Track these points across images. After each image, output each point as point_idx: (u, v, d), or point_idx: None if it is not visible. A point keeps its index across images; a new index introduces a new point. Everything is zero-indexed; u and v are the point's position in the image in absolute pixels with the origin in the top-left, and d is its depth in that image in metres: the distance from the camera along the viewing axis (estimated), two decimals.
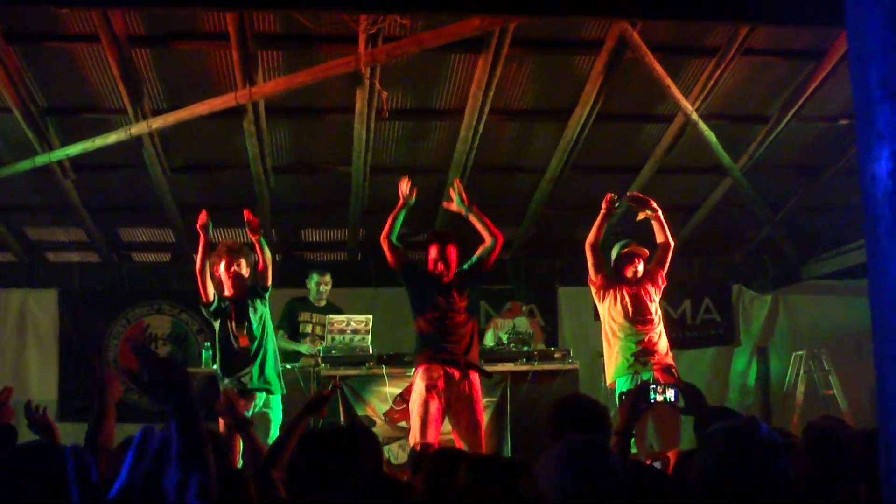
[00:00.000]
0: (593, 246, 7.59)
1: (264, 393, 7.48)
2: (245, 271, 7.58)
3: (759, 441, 3.11)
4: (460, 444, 6.92)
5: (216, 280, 7.57)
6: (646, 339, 7.52)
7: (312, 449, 3.41)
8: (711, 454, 3.21)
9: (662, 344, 7.62)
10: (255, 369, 7.46)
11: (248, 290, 7.58)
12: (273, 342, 7.70)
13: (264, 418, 7.32)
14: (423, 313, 7.17)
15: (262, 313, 7.59)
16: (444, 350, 7.08)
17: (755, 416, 3.42)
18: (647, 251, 7.79)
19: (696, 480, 3.28)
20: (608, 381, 7.74)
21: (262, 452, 4.49)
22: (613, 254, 7.78)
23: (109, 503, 2.71)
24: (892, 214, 1.64)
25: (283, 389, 7.63)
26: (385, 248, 7.20)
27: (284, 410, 7.54)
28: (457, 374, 7.05)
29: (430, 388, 6.98)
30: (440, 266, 7.16)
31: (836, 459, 3.65)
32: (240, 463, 6.07)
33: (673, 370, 7.57)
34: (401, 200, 7.20)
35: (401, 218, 7.22)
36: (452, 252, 7.23)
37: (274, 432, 7.23)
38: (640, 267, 7.69)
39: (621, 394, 7.15)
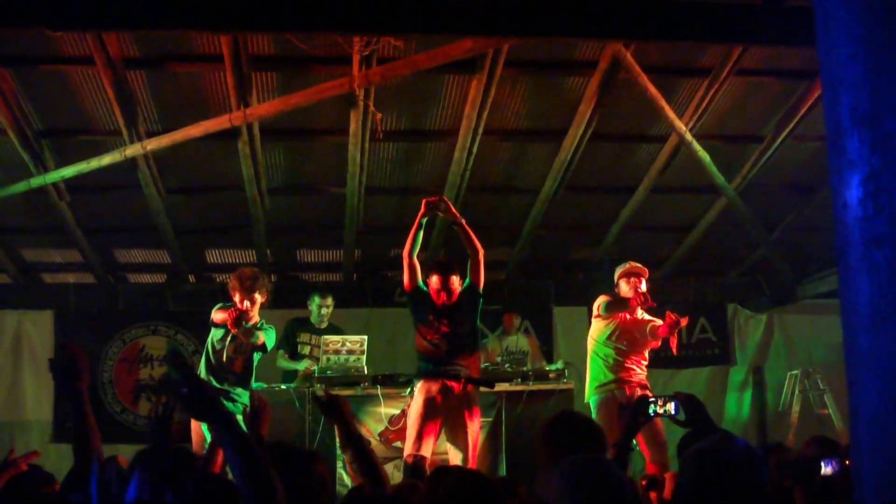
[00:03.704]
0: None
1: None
2: (257, 304, 7.37)
3: (732, 458, 3.09)
4: (453, 460, 6.97)
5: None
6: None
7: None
8: (686, 475, 3.21)
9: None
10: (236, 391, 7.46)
11: (255, 340, 7.37)
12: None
13: None
14: (424, 335, 7.14)
15: (258, 358, 7.55)
16: (445, 363, 7.05)
17: (728, 433, 3.38)
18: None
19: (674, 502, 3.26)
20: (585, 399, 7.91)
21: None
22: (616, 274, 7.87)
23: None
24: (862, 240, 1.65)
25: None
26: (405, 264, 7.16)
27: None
28: (456, 387, 7.02)
29: (428, 403, 6.96)
30: (443, 296, 7.08)
31: None
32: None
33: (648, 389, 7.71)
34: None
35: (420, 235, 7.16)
36: (455, 281, 7.14)
37: None
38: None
39: (620, 405, 7.16)
